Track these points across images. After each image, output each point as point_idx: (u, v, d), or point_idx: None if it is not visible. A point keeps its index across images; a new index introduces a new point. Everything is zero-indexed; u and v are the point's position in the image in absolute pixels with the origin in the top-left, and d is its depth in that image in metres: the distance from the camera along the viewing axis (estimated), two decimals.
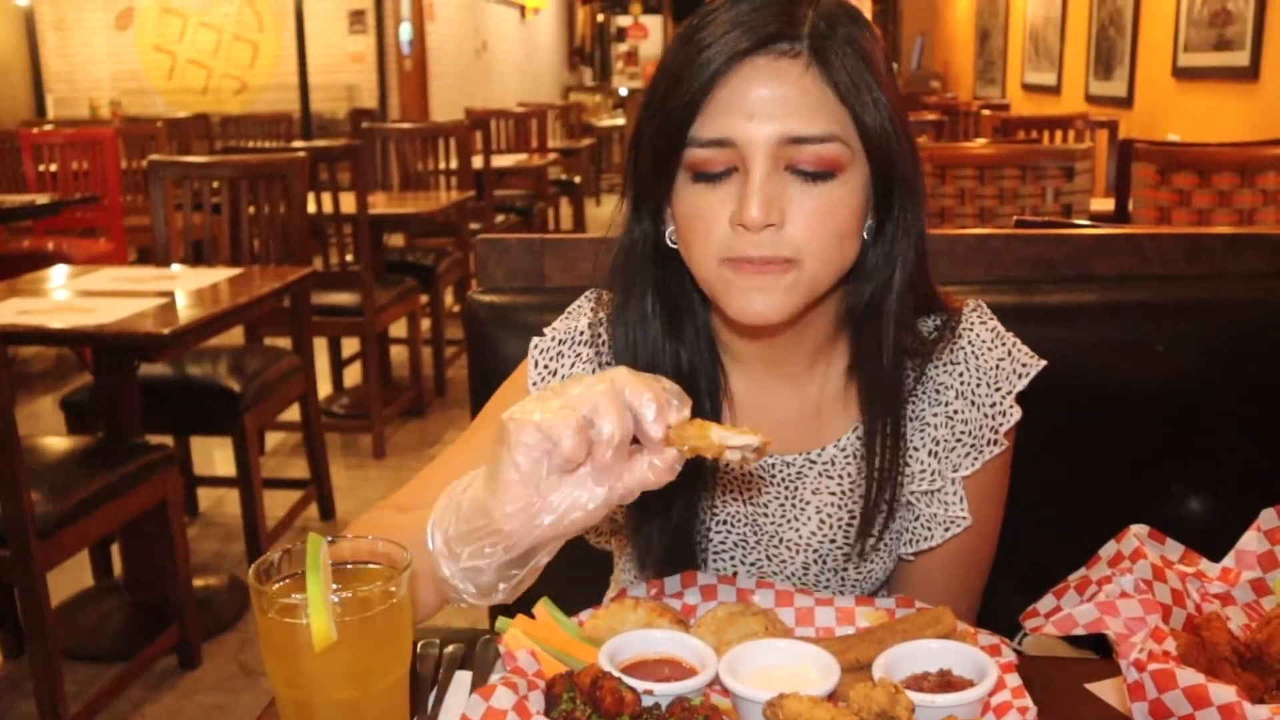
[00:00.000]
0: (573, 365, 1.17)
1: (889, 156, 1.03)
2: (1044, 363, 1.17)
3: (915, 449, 1.17)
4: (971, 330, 1.16)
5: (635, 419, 0.84)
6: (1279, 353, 1.52)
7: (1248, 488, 1.24)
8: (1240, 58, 5.15)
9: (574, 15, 23.07)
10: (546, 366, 1.18)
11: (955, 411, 1.15)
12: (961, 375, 1.15)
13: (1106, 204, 3.99)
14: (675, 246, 1.09)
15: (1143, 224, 3.30)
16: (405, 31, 13.23)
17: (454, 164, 5.91)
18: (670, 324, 1.12)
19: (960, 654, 0.94)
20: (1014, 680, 0.91)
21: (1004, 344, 1.17)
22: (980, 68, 11.27)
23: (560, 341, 1.19)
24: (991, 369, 1.15)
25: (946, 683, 0.92)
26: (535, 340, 1.21)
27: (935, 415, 1.16)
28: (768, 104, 0.98)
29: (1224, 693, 0.80)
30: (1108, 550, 1.03)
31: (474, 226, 6.01)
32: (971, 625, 1.05)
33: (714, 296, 1.07)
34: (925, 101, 8.24)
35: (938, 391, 1.16)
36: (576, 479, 0.86)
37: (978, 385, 1.15)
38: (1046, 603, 1.01)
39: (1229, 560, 1.09)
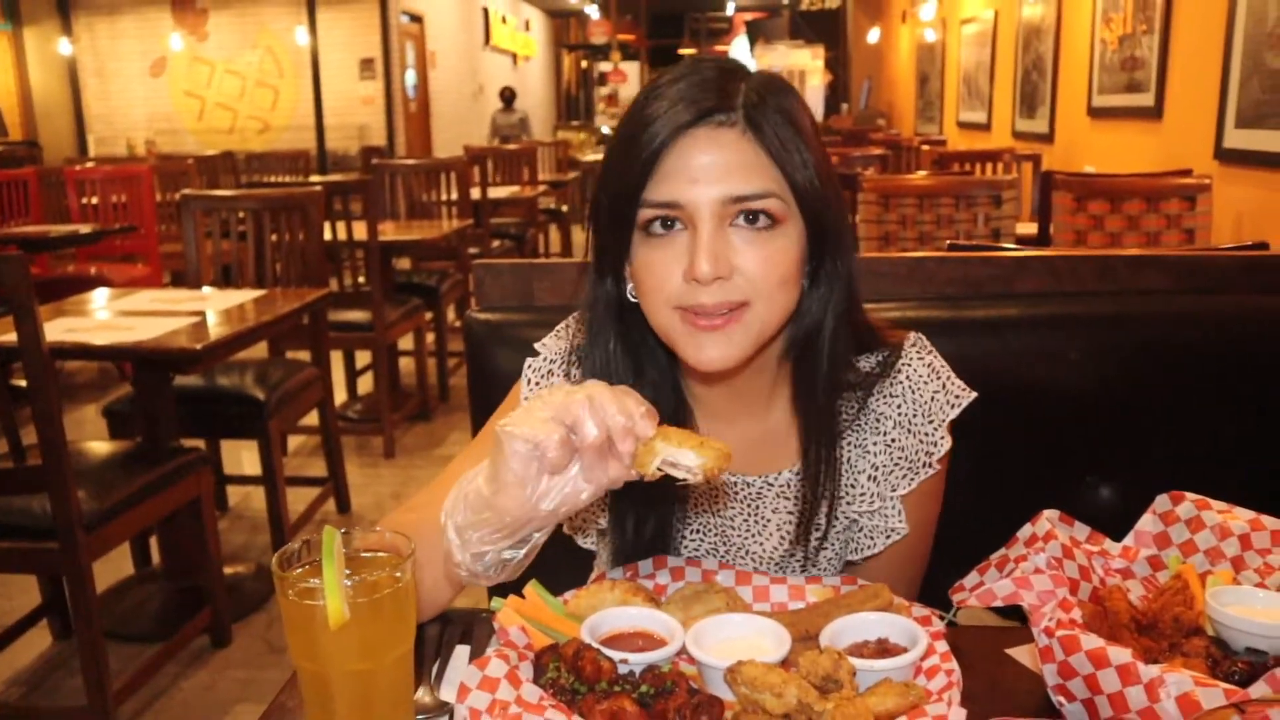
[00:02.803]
0: (560, 382, 1.18)
1: (819, 210, 1.03)
2: (975, 395, 1.15)
3: (857, 474, 1.16)
4: (910, 365, 1.15)
5: (609, 431, 0.87)
6: (1178, 359, 1.55)
7: (1147, 476, 1.26)
8: (1146, 99, 5.21)
9: (560, 62, 23.11)
10: (538, 384, 1.19)
11: (893, 440, 1.15)
12: (899, 407, 1.14)
13: (1030, 228, 4.02)
14: (636, 301, 1.09)
15: (1062, 246, 3.34)
16: (410, 77, 13.23)
17: (454, 195, 5.91)
18: (634, 369, 1.12)
19: (895, 624, 0.96)
20: (942, 646, 0.92)
21: (939, 378, 1.15)
22: (920, 107, 11.35)
23: (550, 360, 1.20)
24: (927, 401, 1.14)
25: (883, 649, 0.93)
26: (529, 360, 1.21)
27: (875, 444, 1.15)
28: (709, 169, 0.99)
29: (1121, 654, 0.82)
30: (1024, 532, 1.04)
31: (473, 251, 6.01)
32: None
33: (670, 344, 1.06)
34: (872, 138, 8.30)
35: (878, 421, 1.15)
36: (567, 476, 0.89)
37: (914, 416, 1.14)
38: (971, 578, 1.02)
39: (1129, 540, 1.10)
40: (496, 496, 0.88)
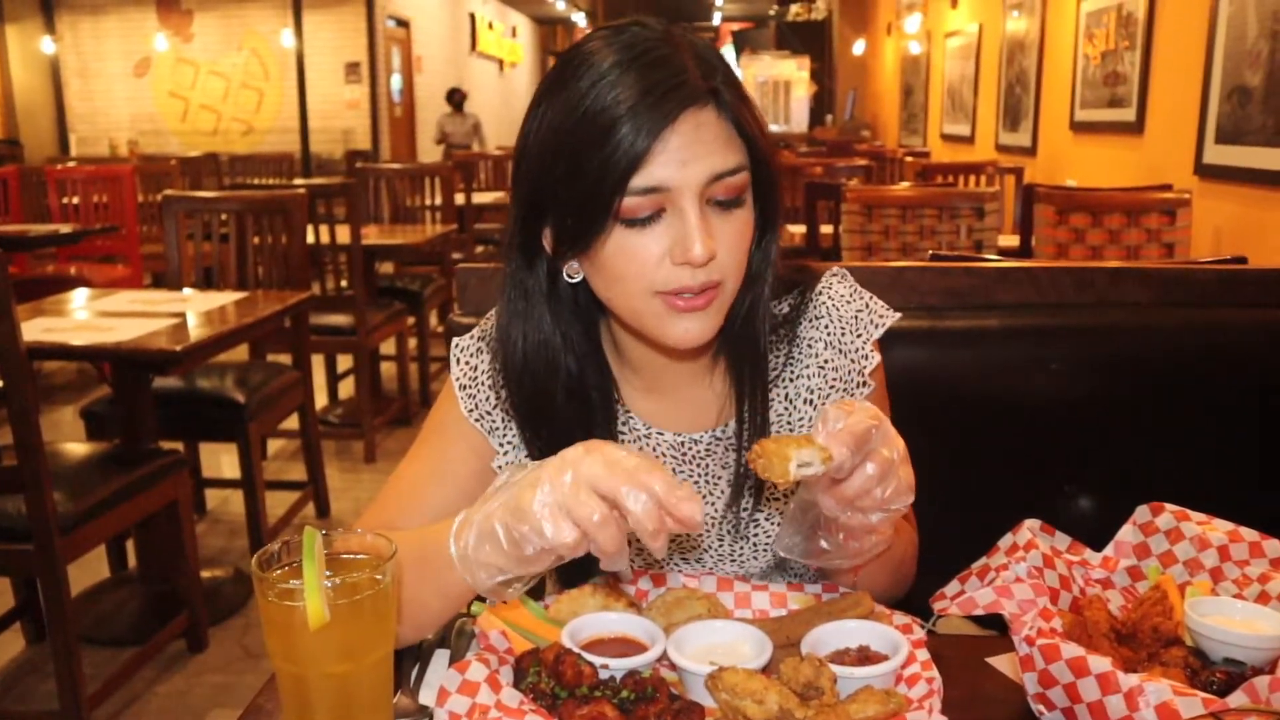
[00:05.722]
0: (491, 361, 1.17)
1: (767, 166, 1.05)
2: (898, 315, 1.19)
3: (790, 399, 1.17)
4: (830, 289, 1.18)
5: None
6: (1156, 370, 1.56)
7: (1127, 487, 1.27)
8: (1128, 114, 5.25)
9: (546, 69, 23.11)
10: (468, 363, 1.19)
11: (826, 361, 1.16)
12: (827, 327, 1.17)
13: (1012, 240, 4.04)
14: (573, 281, 1.08)
15: (1043, 258, 3.36)
16: (396, 82, 13.22)
17: (439, 200, 5.90)
18: (565, 346, 1.12)
19: (877, 632, 0.96)
20: (923, 655, 0.93)
21: (861, 298, 1.18)
22: (904, 119, 11.42)
23: (478, 339, 1.20)
24: (852, 319, 1.17)
25: (865, 657, 0.93)
26: (456, 340, 1.22)
27: (808, 367, 1.17)
28: (695, 150, 0.98)
29: (1101, 663, 0.82)
30: (1005, 541, 1.04)
31: (456, 256, 6.00)
32: (912, 527, 1.13)
33: (643, 325, 1.05)
34: (856, 149, 8.32)
35: (809, 345, 1.17)
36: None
37: (842, 334, 1.16)
38: (952, 587, 1.02)
39: (1109, 550, 1.11)
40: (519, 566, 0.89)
